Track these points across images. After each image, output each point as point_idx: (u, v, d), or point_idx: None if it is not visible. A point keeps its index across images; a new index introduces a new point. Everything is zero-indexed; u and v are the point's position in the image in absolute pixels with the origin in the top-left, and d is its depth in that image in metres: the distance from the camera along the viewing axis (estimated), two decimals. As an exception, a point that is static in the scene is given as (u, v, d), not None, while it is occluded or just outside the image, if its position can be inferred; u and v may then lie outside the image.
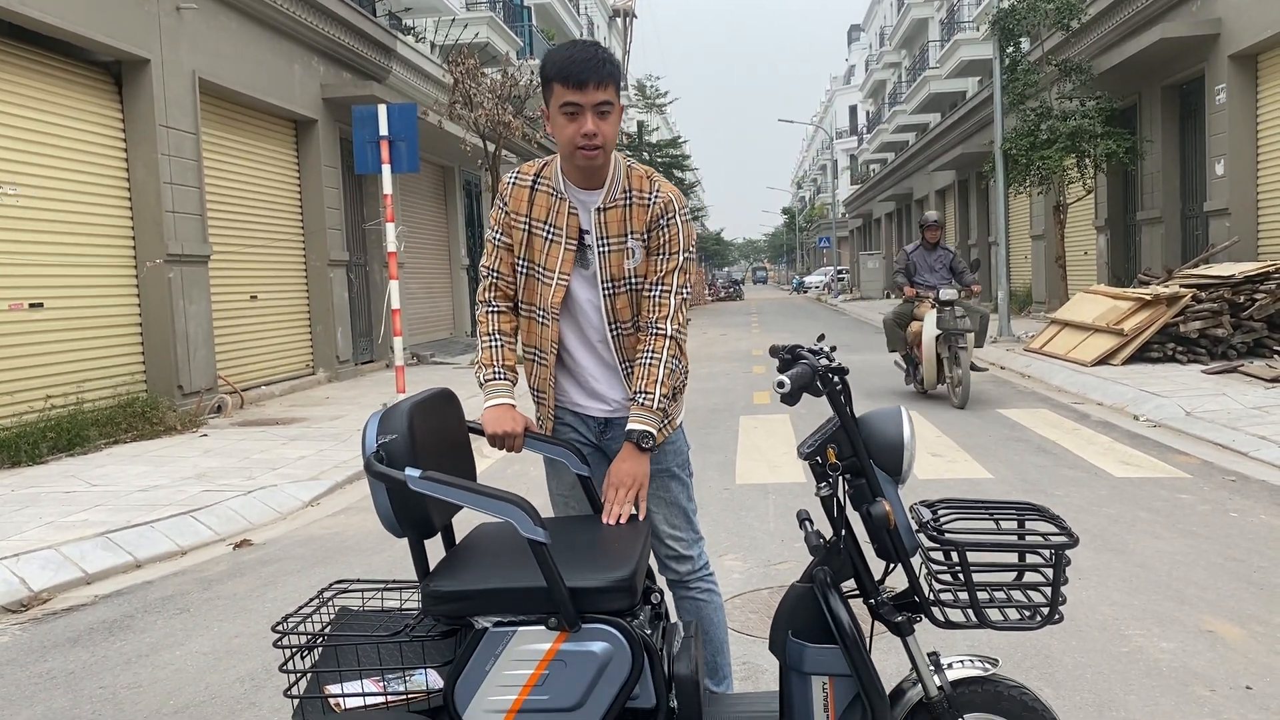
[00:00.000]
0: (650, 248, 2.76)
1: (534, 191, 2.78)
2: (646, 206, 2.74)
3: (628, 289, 2.76)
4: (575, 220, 2.75)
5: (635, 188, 2.75)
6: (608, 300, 2.76)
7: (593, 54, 2.61)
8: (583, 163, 2.67)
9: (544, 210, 2.77)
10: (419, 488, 2.24)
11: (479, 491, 2.25)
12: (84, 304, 9.55)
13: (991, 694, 2.33)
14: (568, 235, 2.75)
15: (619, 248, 2.74)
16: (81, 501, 6.58)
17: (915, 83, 40.64)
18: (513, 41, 26.68)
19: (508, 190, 2.83)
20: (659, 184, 2.77)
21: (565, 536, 2.55)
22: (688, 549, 2.91)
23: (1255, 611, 4.13)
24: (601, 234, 2.74)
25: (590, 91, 2.59)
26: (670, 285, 2.74)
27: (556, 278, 2.75)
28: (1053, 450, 7.75)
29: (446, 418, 2.62)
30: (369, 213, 16.20)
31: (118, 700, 3.70)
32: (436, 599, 2.29)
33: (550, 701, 2.24)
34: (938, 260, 10.93)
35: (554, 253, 2.75)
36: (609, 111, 2.63)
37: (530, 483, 7.23)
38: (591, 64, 2.58)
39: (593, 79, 2.58)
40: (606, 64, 2.61)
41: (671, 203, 2.75)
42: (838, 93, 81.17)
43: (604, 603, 2.26)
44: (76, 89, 9.65)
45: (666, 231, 2.74)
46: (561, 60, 2.61)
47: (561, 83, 2.60)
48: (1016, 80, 17.53)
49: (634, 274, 2.75)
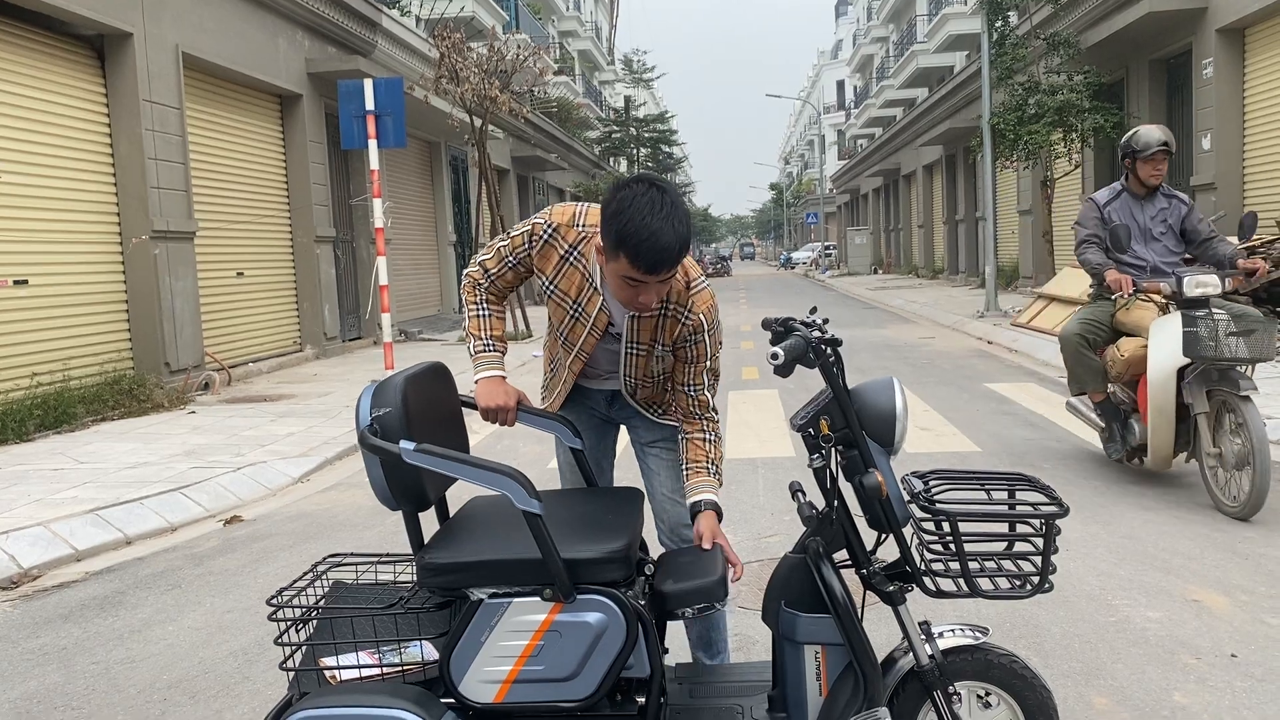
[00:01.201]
0: (678, 354, 2.73)
1: (566, 263, 2.67)
2: (680, 321, 2.67)
3: (652, 382, 2.81)
4: (604, 316, 2.69)
5: (673, 300, 2.65)
6: (630, 361, 2.76)
7: (672, 238, 2.35)
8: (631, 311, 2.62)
9: (573, 288, 2.68)
10: (413, 460, 2.24)
11: (474, 464, 2.25)
12: (69, 281, 9.48)
13: (982, 662, 2.36)
14: (594, 324, 2.70)
15: (646, 352, 2.72)
16: (70, 479, 6.56)
17: (903, 57, 40.52)
18: (499, 15, 26.49)
19: (539, 243, 2.67)
20: (694, 300, 2.66)
21: (560, 509, 2.57)
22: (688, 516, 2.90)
23: (1240, 581, 4.17)
24: (632, 337, 2.69)
25: (661, 273, 2.41)
26: (703, 384, 2.74)
27: (577, 350, 2.77)
28: (1040, 424, 7.80)
29: (439, 391, 2.63)
30: (355, 188, 16.11)
31: (111, 675, 3.71)
32: (432, 571, 2.30)
33: (545, 672, 2.26)
34: (1159, 218, 6.09)
35: (577, 330, 2.73)
36: (671, 276, 2.48)
37: (521, 458, 7.24)
38: (669, 254, 2.36)
39: (666, 267, 2.40)
40: (682, 245, 2.39)
41: (702, 322, 2.67)
42: (825, 67, 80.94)
43: (598, 574, 2.28)
44: (58, 63, 9.54)
45: (696, 348, 2.70)
46: (636, 239, 2.34)
47: (631, 261, 2.37)
48: (1004, 55, 17.51)
49: (659, 371, 2.79)
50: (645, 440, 2.94)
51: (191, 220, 10.88)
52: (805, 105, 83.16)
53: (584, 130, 39.21)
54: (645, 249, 2.34)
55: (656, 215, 2.34)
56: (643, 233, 2.33)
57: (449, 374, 2.74)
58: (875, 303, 24.20)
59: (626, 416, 2.95)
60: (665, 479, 2.91)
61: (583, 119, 38.63)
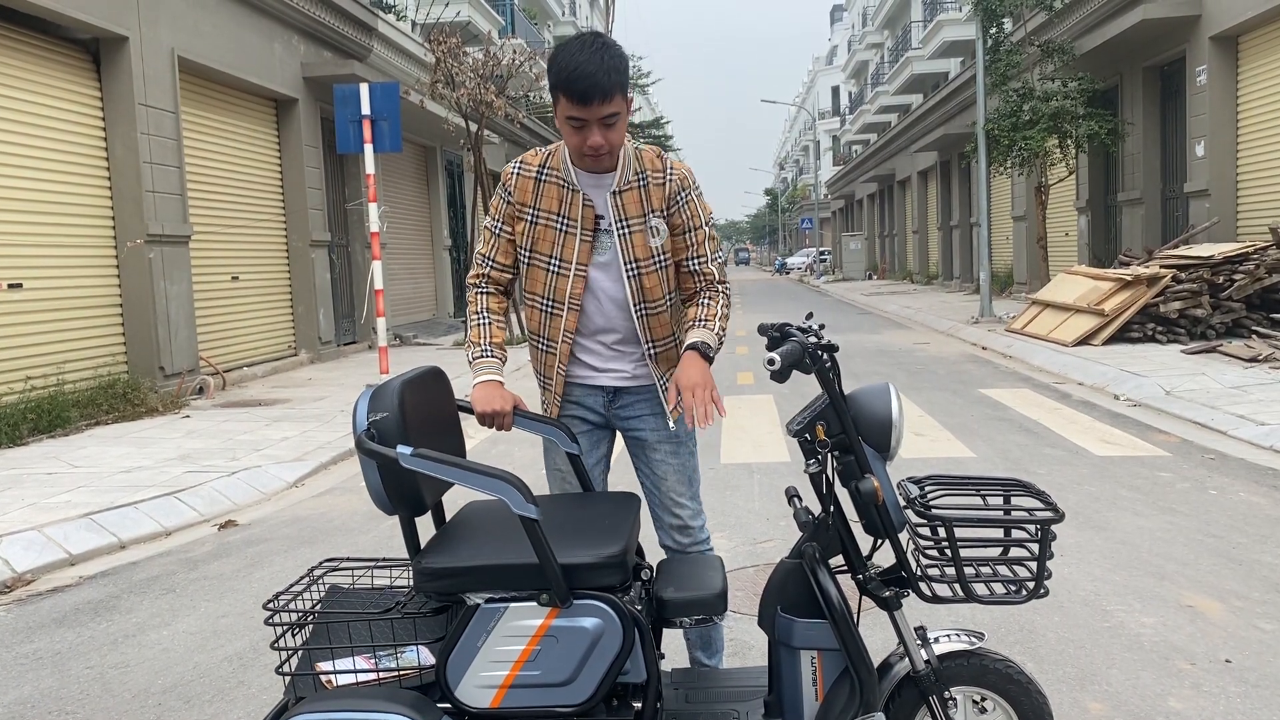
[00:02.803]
0: (673, 225, 2.78)
1: (541, 183, 2.76)
2: (662, 184, 2.76)
3: (656, 267, 2.78)
4: (590, 210, 2.74)
5: (648, 167, 2.76)
6: (633, 281, 2.76)
7: (597, 66, 2.50)
8: (591, 166, 2.70)
9: (554, 201, 2.75)
10: (410, 465, 2.24)
11: (470, 468, 2.25)
12: (64, 284, 9.46)
13: (978, 667, 2.37)
14: (583, 227, 2.74)
15: (640, 227, 2.75)
16: (64, 483, 6.54)
17: (898, 63, 40.64)
18: (494, 20, 26.50)
19: (512, 180, 2.79)
20: (670, 162, 2.80)
21: (556, 514, 2.57)
22: (692, 519, 2.94)
23: (1234, 586, 4.19)
24: (620, 216, 2.74)
25: (595, 107, 2.52)
26: (706, 254, 2.82)
27: (574, 269, 2.75)
28: (1034, 429, 7.81)
29: (436, 396, 2.63)
30: (351, 193, 16.10)
31: (105, 680, 3.70)
32: (428, 576, 2.30)
33: (542, 677, 2.26)
34: None
35: (569, 244, 2.75)
36: (615, 120, 2.58)
37: (515, 463, 7.24)
38: (595, 80, 2.49)
39: (597, 96, 2.51)
40: (611, 74, 2.51)
41: (686, 178, 2.79)
42: (820, 73, 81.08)
43: (595, 579, 2.28)
44: (54, 67, 9.53)
45: (687, 208, 2.78)
46: (565, 72, 2.51)
47: (566, 96, 2.53)
48: (999, 61, 17.56)
49: (660, 250, 2.77)
50: (650, 441, 2.90)
51: (186, 224, 10.87)
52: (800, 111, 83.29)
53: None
54: (574, 78, 2.49)
55: (585, 50, 2.52)
56: (570, 65, 2.50)
57: (446, 379, 2.74)
58: (870, 308, 24.23)
59: (625, 419, 2.92)
60: (669, 480, 2.90)
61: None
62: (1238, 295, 11.64)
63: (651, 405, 2.87)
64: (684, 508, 2.91)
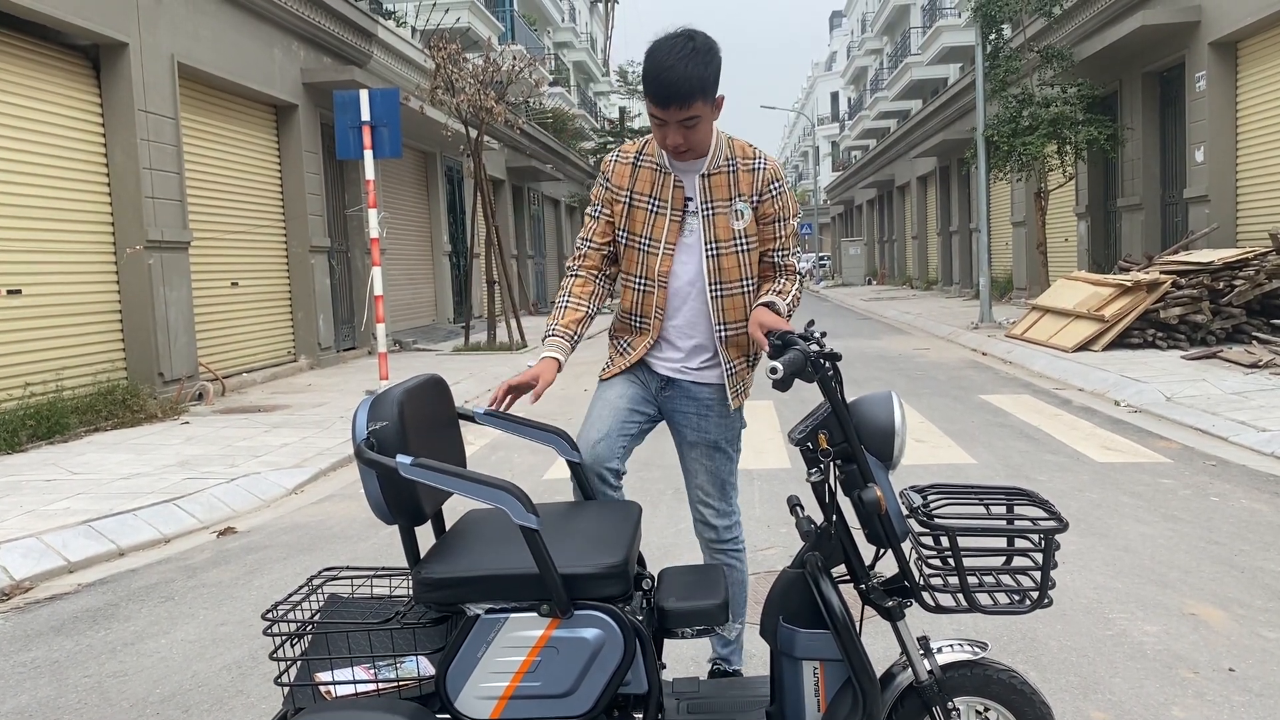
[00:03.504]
0: (764, 214, 2.86)
1: (637, 167, 2.89)
2: (753, 170, 2.84)
3: (736, 249, 2.85)
4: (680, 191, 2.83)
5: (739, 155, 2.85)
6: (712, 261, 2.83)
7: (680, 72, 2.57)
8: (676, 160, 2.79)
9: (648, 184, 2.86)
10: (410, 474, 2.23)
11: (471, 478, 2.24)
12: (63, 290, 9.45)
13: (981, 678, 2.35)
14: (673, 207, 2.84)
15: (725, 209, 2.83)
16: (63, 490, 6.53)
17: (897, 69, 40.69)
18: (494, 26, 26.53)
19: (610, 168, 2.93)
20: (762, 153, 2.88)
21: (557, 523, 2.56)
22: (716, 519, 3.02)
23: (1237, 594, 4.17)
24: (706, 198, 2.82)
25: (673, 110, 2.62)
26: (789, 248, 2.92)
27: (663, 247, 2.85)
28: (1035, 436, 7.80)
29: (436, 404, 2.62)
30: (350, 199, 16.10)
31: (103, 689, 3.68)
32: (428, 586, 2.29)
33: (542, 688, 2.25)
34: None
35: (659, 224, 2.85)
36: (696, 123, 2.66)
37: (515, 470, 7.23)
38: (674, 85, 2.58)
39: (676, 103, 2.60)
40: (691, 80, 2.58)
41: (779, 171, 2.87)
42: (819, 79, 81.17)
43: (596, 589, 2.27)
44: (53, 73, 9.53)
45: (779, 199, 2.87)
46: (650, 73, 2.61)
47: (647, 95, 2.65)
48: (998, 67, 17.58)
49: (743, 235, 2.84)
50: (688, 439, 3.00)
51: (186, 230, 10.86)
52: (800, 117, 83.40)
53: (579, 141, 39.24)
54: (655, 81, 2.60)
55: (674, 54, 2.59)
56: (656, 68, 2.60)
57: (446, 387, 2.73)
58: (870, 314, 24.24)
59: (670, 411, 2.99)
60: (699, 479, 3.02)
61: (578, 130, 38.68)
62: (1238, 301, 11.64)
63: (698, 406, 2.95)
64: (710, 507, 3.02)
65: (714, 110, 2.70)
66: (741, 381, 2.97)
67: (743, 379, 2.97)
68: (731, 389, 2.93)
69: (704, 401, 2.95)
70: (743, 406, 3.03)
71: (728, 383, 2.93)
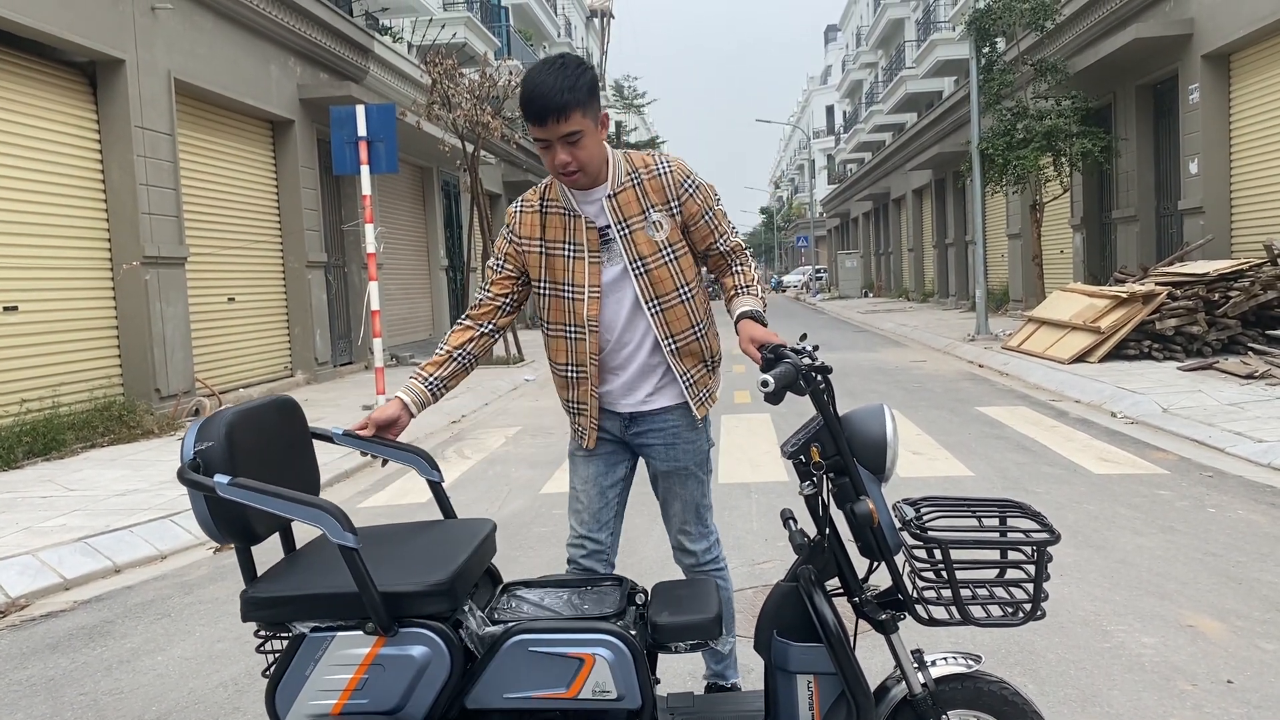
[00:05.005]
0: (690, 214, 2.82)
1: (545, 214, 2.82)
2: (658, 176, 2.79)
3: (664, 260, 2.80)
4: (594, 232, 2.78)
5: (640, 166, 2.80)
6: (642, 279, 2.78)
7: (551, 85, 2.54)
8: (569, 185, 2.75)
9: (560, 230, 2.80)
10: (227, 494, 2.23)
11: (288, 498, 2.25)
12: (59, 307, 9.46)
13: (975, 690, 2.35)
14: (589, 249, 2.78)
15: (640, 224, 2.77)
16: (59, 506, 6.51)
17: (892, 83, 40.82)
18: (490, 42, 26.60)
19: (515, 218, 2.86)
20: (662, 156, 2.84)
21: (390, 542, 2.58)
22: (693, 543, 2.99)
23: (1235, 606, 4.17)
24: (619, 218, 2.77)
25: (552, 126, 2.57)
26: (726, 230, 2.88)
27: (587, 291, 2.78)
28: (1032, 447, 7.80)
29: (281, 426, 2.61)
30: (347, 214, 16.13)
31: (99, 707, 3.67)
32: (254, 605, 2.31)
33: (370, 705, 2.27)
34: None
35: (578, 269, 2.79)
36: (579, 138, 2.61)
37: (512, 484, 7.22)
38: (548, 99, 2.54)
39: (551, 117, 2.55)
40: (565, 92, 2.54)
41: (683, 167, 2.83)
42: (815, 93, 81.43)
43: (421, 607, 2.28)
44: (50, 90, 9.56)
45: (698, 194, 2.82)
46: (523, 97, 2.58)
47: (525, 118, 2.60)
48: (992, 80, 17.64)
49: (666, 244, 2.80)
50: (659, 469, 2.95)
51: (183, 246, 10.88)
52: (795, 130, 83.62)
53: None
54: (528, 100, 2.56)
55: (544, 73, 2.57)
56: (529, 88, 2.56)
57: (296, 408, 2.70)
58: (866, 326, 24.25)
59: (640, 445, 2.94)
60: (674, 507, 2.98)
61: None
62: (1233, 312, 11.66)
63: (664, 436, 2.90)
64: (686, 534, 2.99)
65: (598, 126, 2.65)
66: (704, 389, 2.90)
67: (704, 385, 2.90)
68: (694, 399, 2.87)
69: (670, 429, 2.89)
70: (710, 425, 2.98)
71: (688, 394, 2.86)
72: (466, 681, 2.30)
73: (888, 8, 42.36)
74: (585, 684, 2.28)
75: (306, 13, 13.89)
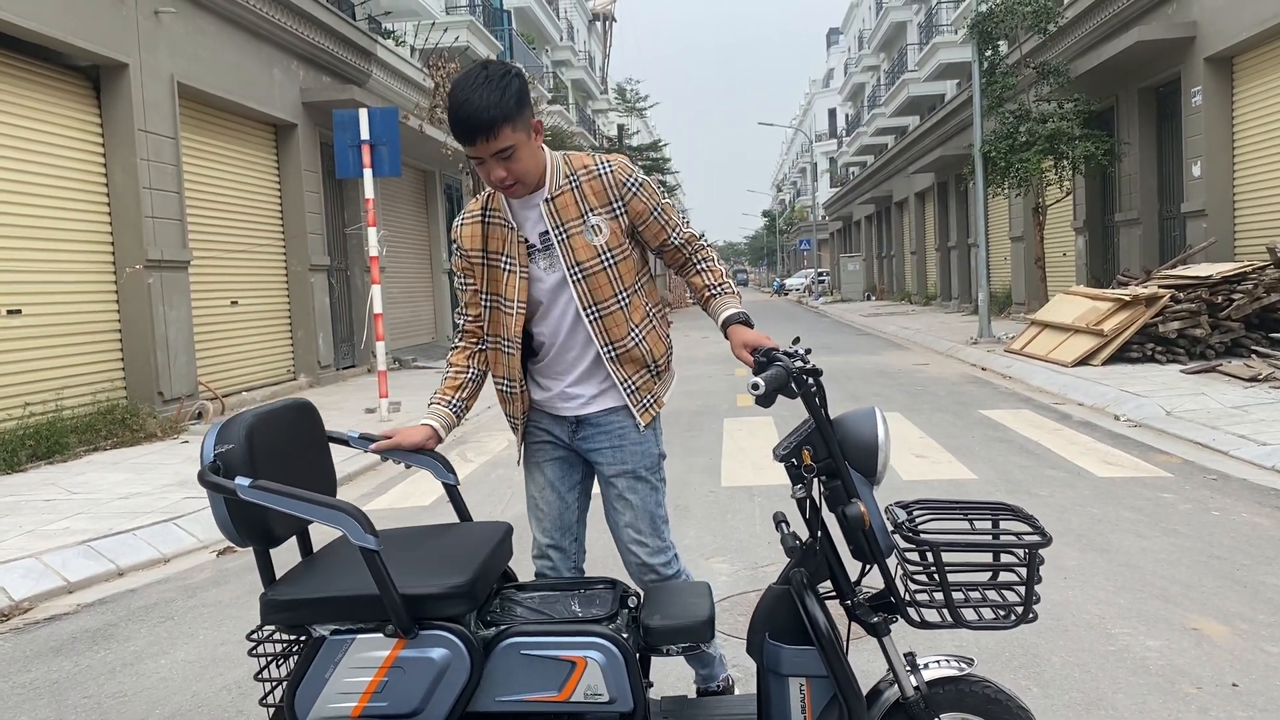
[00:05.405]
0: (637, 213, 2.76)
1: (487, 225, 2.78)
2: (598, 177, 2.72)
3: (603, 266, 2.72)
4: (523, 246, 2.73)
5: (579, 168, 2.73)
6: (580, 285, 2.71)
7: (476, 105, 2.45)
8: (509, 197, 2.71)
9: (500, 242, 2.76)
10: (249, 497, 2.25)
11: (310, 500, 2.26)
12: (63, 310, 9.48)
13: (967, 693, 2.36)
14: (521, 264, 2.73)
15: (579, 229, 2.70)
16: (62, 509, 6.53)
17: (894, 86, 40.79)
18: (493, 45, 26.65)
19: (459, 232, 2.82)
20: (602, 157, 2.77)
21: (410, 545, 2.58)
22: (651, 556, 2.85)
23: (1239, 609, 4.16)
24: (557, 222, 2.70)
25: (482, 145, 2.51)
26: (678, 223, 2.83)
27: (516, 306, 2.74)
28: (1035, 451, 7.79)
29: (300, 429, 2.62)
30: (350, 217, 16.15)
31: (103, 710, 3.68)
32: (274, 608, 2.32)
33: (390, 708, 2.28)
34: None
35: (512, 282, 2.74)
36: (511, 152, 2.54)
37: (516, 487, 7.23)
38: (473, 122, 2.47)
39: (480, 136, 2.48)
40: (491, 109, 2.46)
41: (626, 166, 2.76)
42: (817, 96, 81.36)
43: (441, 609, 2.29)
44: (54, 94, 9.59)
45: (643, 191, 2.76)
46: (450, 115, 2.50)
47: (453, 132, 2.53)
48: (995, 83, 17.63)
49: (605, 249, 2.72)
50: (607, 475, 2.85)
51: (186, 249, 10.91)
52: (797, 133, 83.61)
53: (578, 158, 39.28)
54: (455, 119, 2.48)
55: (468, 88, 2.48)
56: (454, 105, 2.48)
57: (313, 411, 2.72)
58: (869, 329, 24.24)
59: (587, 450, 2.87)
60: (625, 517, 2.85)
61: (576, 147, 38.81)
62: (1236, 315, 11.63)
63: (610, 438, 2.82)
64: (643, 545, 2.85)
65: (531, 136, 2.58)
66: (648, 394, 2.82)
67: (648, 391, 2.82)
68: (637, 405, 2.79)
69: (614, 431, 2.81)
70: (659, 432, 2.90)
71: (629, 400, 2.79)
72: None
73: (890, 11, 42.33)
74: (577, 687, 2.28)
75: (309, 16, 13.92)
